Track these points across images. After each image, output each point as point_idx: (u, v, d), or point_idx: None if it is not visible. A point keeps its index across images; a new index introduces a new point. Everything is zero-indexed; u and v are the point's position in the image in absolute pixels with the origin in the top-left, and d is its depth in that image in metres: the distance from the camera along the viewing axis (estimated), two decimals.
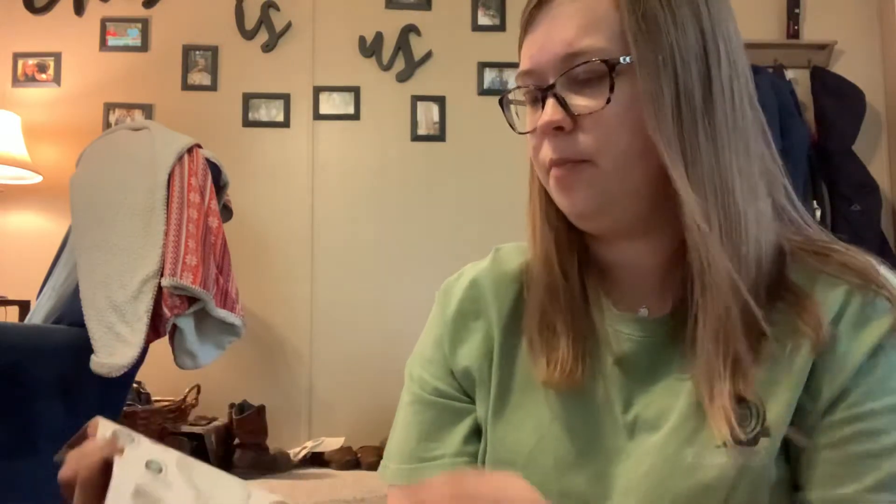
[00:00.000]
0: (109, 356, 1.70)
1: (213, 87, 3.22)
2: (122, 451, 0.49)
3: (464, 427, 0.67)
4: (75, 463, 0.50)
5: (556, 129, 0.58)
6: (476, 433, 0.67)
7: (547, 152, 0.60)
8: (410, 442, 0.68)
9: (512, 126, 0.65)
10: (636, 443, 0.60)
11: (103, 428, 0.52)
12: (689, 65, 0.56)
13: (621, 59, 0.56)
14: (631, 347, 0.63)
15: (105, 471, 0.49)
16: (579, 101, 0.58)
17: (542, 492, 0.60)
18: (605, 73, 0.56)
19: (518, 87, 0.63)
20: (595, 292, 0.66)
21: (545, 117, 0.58)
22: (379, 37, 3.24)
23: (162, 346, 1.90)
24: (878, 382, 0.54)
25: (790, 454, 0.57)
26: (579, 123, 0.58)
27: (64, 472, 0.51)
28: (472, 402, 0.68)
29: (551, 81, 0.59)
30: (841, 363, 0.55)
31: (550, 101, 0.58)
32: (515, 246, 0.72)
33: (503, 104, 0.65)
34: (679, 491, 0.57)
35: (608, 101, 0.56)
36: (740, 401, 0.55)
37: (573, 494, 0.61)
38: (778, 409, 0.55)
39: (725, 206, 0.56)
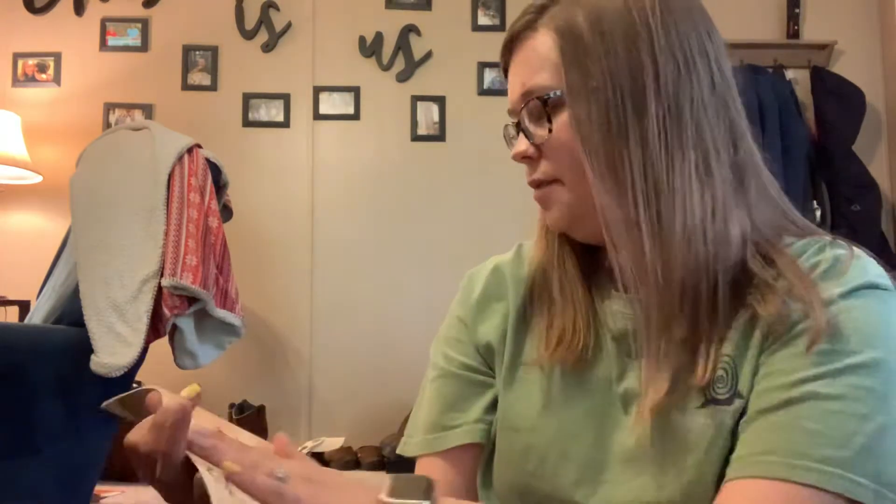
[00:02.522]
0: (109, 356, 1.70)
1: (213, 87, 3.22)
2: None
3: (485, 399, 0.74)
4: (152, 438, 0.52)
5: (526, 158, 0.68)
6: (496, 405, 0.74)
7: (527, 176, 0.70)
8: (433, 414, 0.74)
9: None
10: (630, 416, 0.66)
11: (168, 399, 0.53)
12: (620, 82, 0.61)
13: (552, 94, 0.64)
14: (626, 325, 0.68)
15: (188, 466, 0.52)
16: (536, 132, 0.67)
17: (546, 455, 0.68)
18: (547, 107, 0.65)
19: (508, 125, 0.73)
20: (598, 279, 0.72)
21: (514, 148, 0.70)
22: (379, 37, 3.24)
23: (162, 346, 1.90)
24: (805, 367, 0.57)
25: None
26: (542, 151, 0.67)
27: (138, 442, 0.53)
28: (494, 375, 0.75)
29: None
30: (784, 348, 0.59)
31: (520, 135, 0.69)
32: (536, 243, 0.78)
33: (507, 138, 0.74)
34: (666, 453, 0.63)
35: (550, 130, 0.65)
36: (715, 372, 0.61)
37: (574, 458, 0.68)
38: (747, 376, 0.61)
39: (658, 201, 0.61)
